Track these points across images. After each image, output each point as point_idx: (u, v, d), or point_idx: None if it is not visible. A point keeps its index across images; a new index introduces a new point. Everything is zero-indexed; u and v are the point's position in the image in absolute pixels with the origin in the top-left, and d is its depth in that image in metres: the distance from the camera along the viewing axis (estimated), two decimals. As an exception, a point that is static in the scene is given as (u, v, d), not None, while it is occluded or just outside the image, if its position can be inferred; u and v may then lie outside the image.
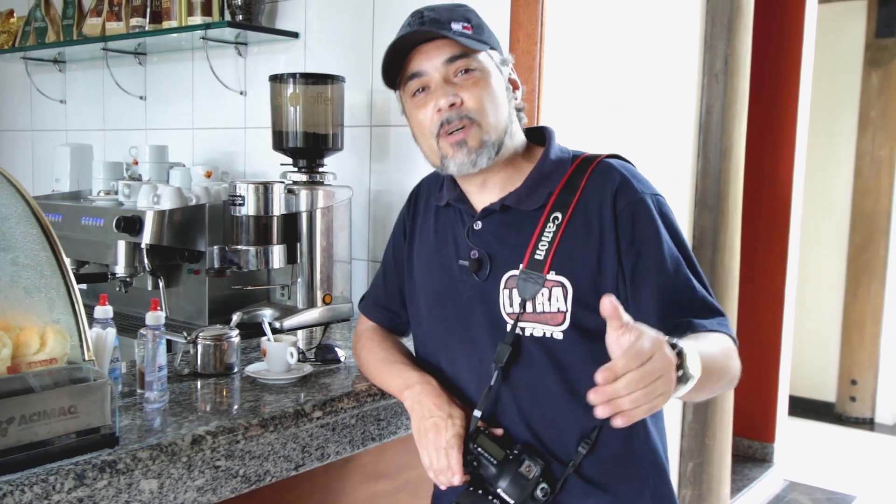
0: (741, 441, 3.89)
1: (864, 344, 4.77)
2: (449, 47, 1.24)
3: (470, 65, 1.25)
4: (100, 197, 2.48)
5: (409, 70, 1.27)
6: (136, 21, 2.59)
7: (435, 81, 1.25)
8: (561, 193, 1.26)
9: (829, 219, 4.83)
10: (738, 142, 2.79)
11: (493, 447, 1.23)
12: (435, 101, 1.24)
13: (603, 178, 1.26)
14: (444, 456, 1.23)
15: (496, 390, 1.27)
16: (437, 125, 1.25)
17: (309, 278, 1.94)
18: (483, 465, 1.22)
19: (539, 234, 1.25)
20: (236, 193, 1.88)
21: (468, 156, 1.24)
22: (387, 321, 1.53)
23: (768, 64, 3.69)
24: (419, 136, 1.31)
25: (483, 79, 1.26)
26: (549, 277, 1.23)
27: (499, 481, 1.21)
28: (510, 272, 1.26)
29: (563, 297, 1.22)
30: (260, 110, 2.46)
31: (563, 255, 1.23)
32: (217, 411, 1.33)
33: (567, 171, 1.28)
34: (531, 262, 1.24)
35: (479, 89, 1.25)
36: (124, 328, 1.78)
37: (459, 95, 1.23)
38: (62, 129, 3.21)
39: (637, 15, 2.39)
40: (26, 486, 1.00)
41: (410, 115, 1.31)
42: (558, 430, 1.26)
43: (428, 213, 1.43)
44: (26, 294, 1.16)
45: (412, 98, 1.28)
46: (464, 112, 1.23)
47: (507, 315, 1.26)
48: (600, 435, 1.24)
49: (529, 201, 1.28)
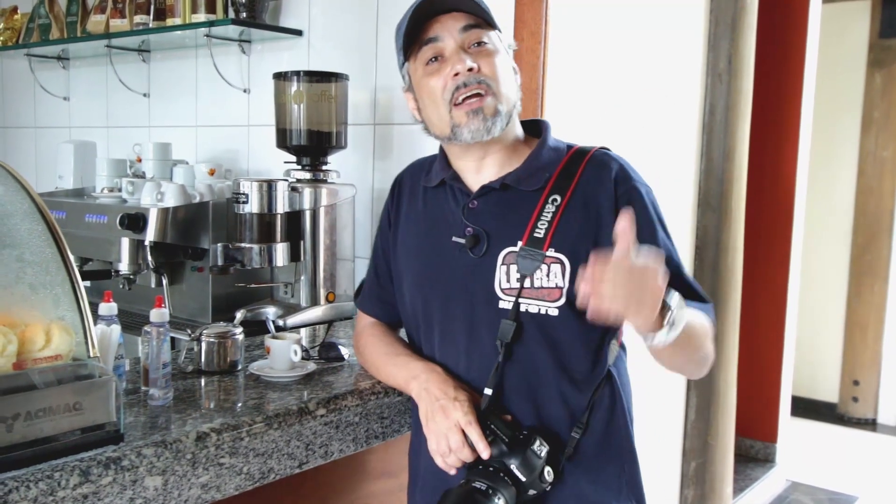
0: (744, 441, 3.89)
1: (867, 344, 4.77)
2: (465, 17, 1.28)
3: (482, 38, 1.29)
4: (103, 194, 2.48)
5: (423, 37, 1.29)
6: (139, 18, 2.59)
7: (450, 48, 1.28)
8: (558, 178, 1.30)
9: (832, 219, 4.82)
10: (741, 142, 2.79)
11: (504, 425, 1.24)
12: (451, 67, 1.27)
13: (601, 166, 1.31)
14: (457, 433, 1.23)
15: (502, 367, 1.28)
16: (452, 90, 1.27)
17: (312, 276, 1.94)
18: (497, 442, 1.23)
19: (539, 214, 1.28)
20: (240, 191, 1.88)
21: (483, 122, 1.27)
22: (384, 314, 1.53)
23: (772, 64, 3.69)
24: (429, 105, 1.32)
25: (495, 52, 1.30)
26: (548, 254, 1.26)
27: (511, 458, 1.21)
28: (508, 249, 1.29)
29: (560, 274, 1.26)
30: (263, 108, 2.46)
31: (562, 234, 1.26)
32: (221, 408, 1.33)
33: (563, 159, 1.33)
34: (531, 239, 1.27)
35: (493, 59, 1.29)
36: (128, 325, 1.78)
37: (476, 62, 1.27)
38: (66, 126, 3.21)
39: (641, 14, 2.38)
40: (31, 482, 1.00)
41: (421, 84, 1.32)
42: (548, 408, 1.29)
43: (414, 197, 1.45)
44: (31, 290, 1.17)
45: (425, 66, 1.30)
46: (481, 77, 1.27)
47: (502, 290, 1.29)
48: (590, 418, 1.28)
49: (529, 182, 1.31)
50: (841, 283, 4.84)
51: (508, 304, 1.28)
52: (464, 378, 1.33)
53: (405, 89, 1.38)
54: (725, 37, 2.71)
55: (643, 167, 1.38)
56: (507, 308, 1.28)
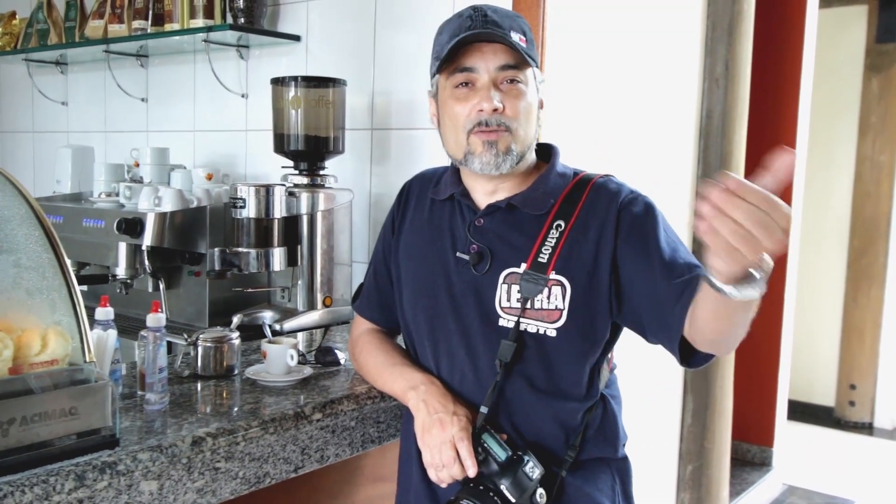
0: (740, 445, 3.90)
1: (864, 349, 4.77)
2: (505, 54, 1.28)
3: (517, 76, 1.29)
4: (101, 199, 2.49)
5: (460, 62, 1.29)
6: (138, 23, 2.60)
7: (482, 81, 1.28)
8: (562, 204, 1.32)
9: (829, 223, 4.83)
10: (738, 147, 2.80)
11: (498, 445, 1.24)
12: (479, 100, 1.27)
13: (605, 192, 1.32)
14: (450, 449, 1.24)
15: (500, 386, 1.29)
16: (473, 123, 1.28)
17: (309, 281, 1.95)
18: (488, 461, 1.23)
19: (543, 239, 1.29)
20: (237, 196, 1.88)
21: (495, 157, 1.28)
22: (382, 319, 1.53)
23: (769, 68, 3.70)
24: (448, 125, 1.33)
25: (525, 93, 1.30)
26: (550, 277, 1.27)
27: (502, 479, 1.22)
28: (510, 269, 1.30)
29: (561, 296, 1.27)
30: (261, 113, 2.47)
31: (565, 259, 1.28)
32: (217, 413, 1.34)
33: (567, 186, 1.34)
34: (534, 264, 1.28)
35: (520, 101, 1.29)
36: (125, 330, 1.78)
37: (503, 102, 1.27)
38: (63, 130, 3.21)
39: (638, 19, 2.39)
40: (27, 486, 1.00)
41: (446, 104, 1.33)
42: (542, 426, 1.30)
43: (420, 207, 1.46)
44: (28, 296, 1.17)
45: (454, 88, 1.31)
46: (503, 119, 1.28)
47: (502, 309, 1.30)
48: (583, 437, 1.30)
49: (535, 206, 1.32)
50: (838, 287, 4.84)
51: (507, 322, 1.29)
52: (457, 389, 1.34)
53: (431, 94, 1.39)
54: (722, 41, 2.71)
55: (640, 172, 1.39)
56: (506, 326, 1.29)
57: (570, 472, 1.30)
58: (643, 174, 2.39)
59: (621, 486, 1.36)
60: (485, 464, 1.23)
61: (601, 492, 1.32)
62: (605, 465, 1.34)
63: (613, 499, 1.34)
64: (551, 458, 1.29)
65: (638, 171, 2.36)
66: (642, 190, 1.35)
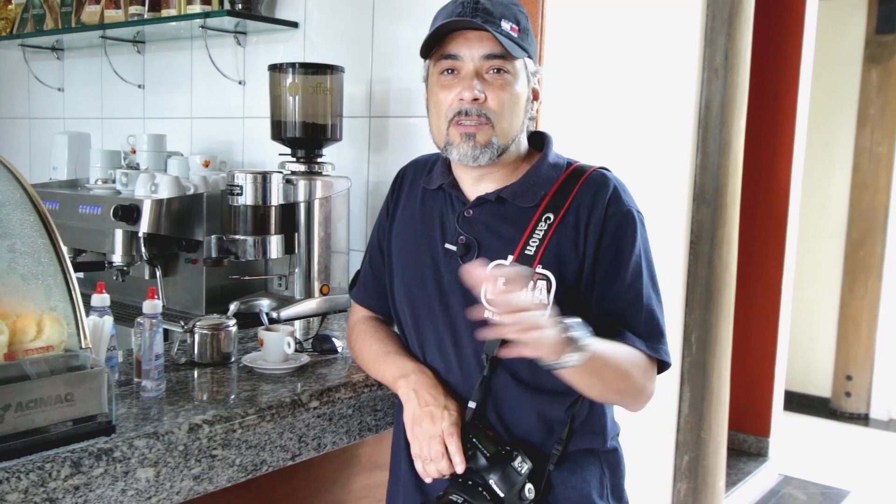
0: (736, 435, 3.91)
1: (860, 340, 4.79)
2: (492, 43, 1.25)
3: (504, 66, 1.27)
4: (97, 185, 2.48)
5: (445, 48, 1.28)
6: (134, 9, 2.58)
7: (466, 69, 1.27)
8: (553, 197, 1.30)
9: (826, 214, 4.83)
10: (737, 137, 2.79)
11: (487, 440, 1.24)
12: (461, 89, 1.26)
13: (597, 186, 1.30)
14: (438, 444, 1.24)
15: (486, 380, 1.29)
16: (454, 112, 1.27)
17: (306, 268, 1.94)
18: (477, 456, 1.23)
19: (531, 231, 1.28)
20: (234, 183, 1.87)
21: (472, 150, 1.27)
22: (378, 307, 1.53)
23: (768, 59, 3.69)
24: (433, 112, 1.33)
25: (511, 84, 1.28)
26: (536, 271, 1.26)
27: (491, 473, 1.22)
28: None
29: (545, 290, 1.26)
30: (259, 100, 2.46)
31: (552, 253, 1.27)
32: (214, 400, 1.33)
33: (560, 177, 1.32)
34: (521, 256, 1.27)
35: (504, 93, 1.27)
36: (121, 317, 1.78)
37: (485, 92, 1.26)
38: (60, 116, 3.20)
39: (637, 9, 2.38)
40: (23, 473, 1.00)
41: (432, 90, 1.33)
42: (528, 421, 1.30)
43: (413, 195, 1.45)
44: (23, 281, 1.16)
45: (440, 75, 1.30)
46: (483, 110, 1.26)
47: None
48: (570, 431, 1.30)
49: (524, 198, 1.31)
50: (835, 278, 4.85)
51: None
52: (443, 379, 1.34)
53: (423, 79, 1.38)
54: (722, 32, 2.70)
55: (640, 161, 1.38)
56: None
57: (557, 466, 1.30)
58: (642, 164, 2.39)
59: (610, 478, 1.35)
60: (473, 459, 1.23)
61: (588, 483, 1.32)
62: (593, 457, 1.34)
63: (601, 490, 1.34)
64: (538, 452, 1.29)
65: (637, 161, 2.35)
66: (641, 180, 1.34)
